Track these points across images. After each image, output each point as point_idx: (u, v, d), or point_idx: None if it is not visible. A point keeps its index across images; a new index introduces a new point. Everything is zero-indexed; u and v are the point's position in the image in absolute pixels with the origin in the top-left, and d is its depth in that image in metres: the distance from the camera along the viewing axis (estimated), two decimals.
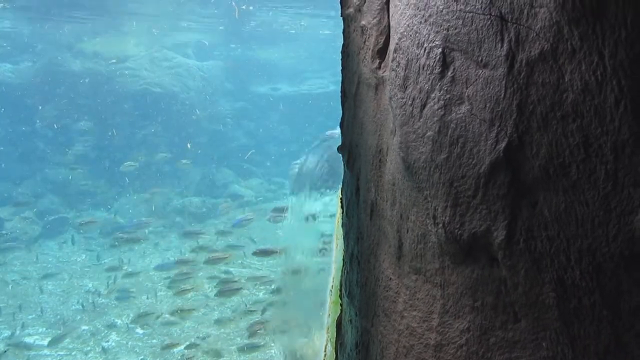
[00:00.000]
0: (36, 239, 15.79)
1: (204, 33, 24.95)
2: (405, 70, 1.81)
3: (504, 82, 1.40)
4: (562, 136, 1.27)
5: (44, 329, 10.92)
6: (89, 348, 10.08)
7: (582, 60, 1.22)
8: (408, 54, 1.79)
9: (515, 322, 1.41)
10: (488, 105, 1.44)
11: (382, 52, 2.15)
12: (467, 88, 1.52)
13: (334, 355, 2.85)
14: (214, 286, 10.75)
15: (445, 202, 1.59)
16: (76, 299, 12.16)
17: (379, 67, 2.15)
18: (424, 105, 1.69)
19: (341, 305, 2.81)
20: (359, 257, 2.34)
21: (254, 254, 10.65)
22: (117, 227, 14.32)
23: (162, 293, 11.34)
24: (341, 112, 2.80)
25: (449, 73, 1.59)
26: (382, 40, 2.16)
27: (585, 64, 1.21)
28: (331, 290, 3.16)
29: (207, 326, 10.55)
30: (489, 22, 1.44)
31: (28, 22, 21.09)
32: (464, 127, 1.53)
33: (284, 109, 24.59)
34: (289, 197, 17.78)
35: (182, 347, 9.52)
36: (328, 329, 3.17)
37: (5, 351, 9.50)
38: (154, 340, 10.21)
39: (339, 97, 2.80)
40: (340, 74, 2.77)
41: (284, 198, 16.40)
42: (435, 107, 1.63)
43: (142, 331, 10.53)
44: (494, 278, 1.46)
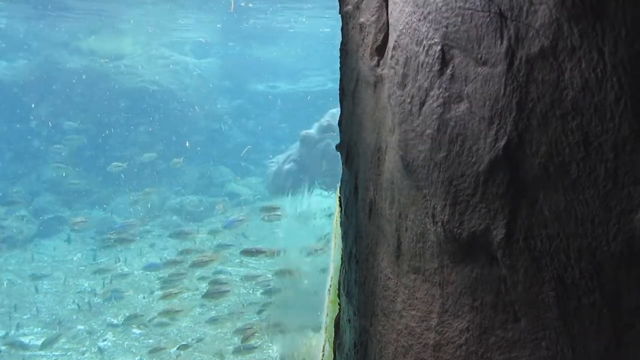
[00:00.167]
0: (32, 238, 15.77)
1: (201, 31, 24.93)
2: (404, 68, 1.80)
3: (503, 79, 1.40)
4: (562, 134, 1.27)
5: (40, 328, 10.90)
6: (84, 348, 10.07)
7: (582, 58, 1.22)
8: (407, 52, 1.79)
9: (515, 322, 1.41)
10: (487, 103, 1.44)
11: (380, 50, 2.15)
12: (466, 86, 1.52)
13: (332, 356, 2.85)
14: (204, 287, 10.73)
15: (444, 201, 1.59)
16: (72, 298, 12.15)
17: (378, 65, 2.15)
18: (423, 103, 1.69)
19: (339, 304, 2.81)
20: (358, 256, 2.34)
21: (243, 253, 10.64)
22: (111, 227, 14.27)
23: (159, 292, 11.33)
24: (339, 109, 2.80)
25: (448, 71, 1.59)
26: (380, 38, 2.15)
27: (585, 61, 1.21)
28: (329, 290, 3.16)
29: (204, 326, 10.55)
30: (489, 20, 1.44)
31: (23, 19, 21.05)
32: (463, 125, 1.53)
33: (282, 107, 24.58)
34: (268, 197, 17.69)
35: (175, 348, 9.52)
36: (326, 328, 3.17)
37: (0, 351, 9.48)
38: (151, 340, 10.21)
39: (337, 94, 2.80)
40: (339, 72, 2.77)
41: (281, 197, 16.38)
42: (434, 105, 1.63)
43: (139, 331, 10.52)
44: (494, 277, 1.46)
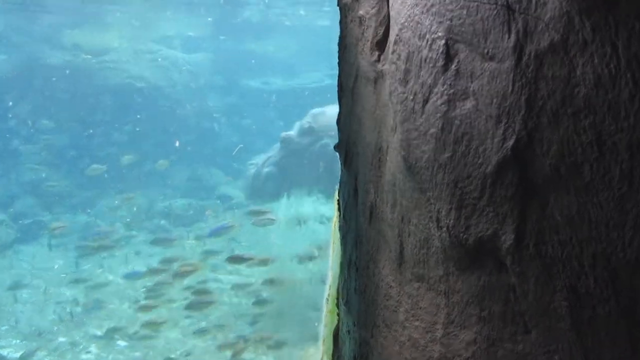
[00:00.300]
0: (10, 244, 15.72)
1: (191, 24, 24.93)
2: (406, 64, 1.81)
3: (511, 75, 1.40)
4: (573, 133, 1.27)
5: (18, 340, 10.86)
6: None
7: (595, 53, 1.22)
8: (409, 46, 1.79)
9: (525, 333, 1.41)
10: (495, 101, 1.44)
11: (381, 44, 2.15)
12: (472, 82, 1.52)
13: None
14: (188, 296, 10.69)
15: (450, 204, 1.59)
16: (53, 308, 12.11)
17: (378, 60, 2.15)
18: (426, 101, 1.69)
19: (338, 315, 2.81)
20: (358, 263, 2.34)
21: (229, 260, 10.63)
22: (95, 233, 14.15)
23: (145, 302, 11.29)
24: (338, 107, 2.80)
25: (453, 66, 1.59)
26: (381, 32, 2.16)
27: (598, 56, 1.21)
28: (327, 299, 3.15)
29: (193, 337, 10.52)
30: (495, 12, 1.44)
31: (3, 12, 21.02)
32: (469, 123, 1.53)
33: (277, 104, 24.58)
34: (246, 201, 17.64)
35: None
36: (324, 340, 3.17)
37: None
38: (137, 353, 10.17)
39: (336, 91, 2.80)
40: (337, 67, 2.77)
41: (259, 202, 16.31)
42: (439, 102, 1.63)
43: (124, 343, 10.49)
44: (502, 285, 1.46)
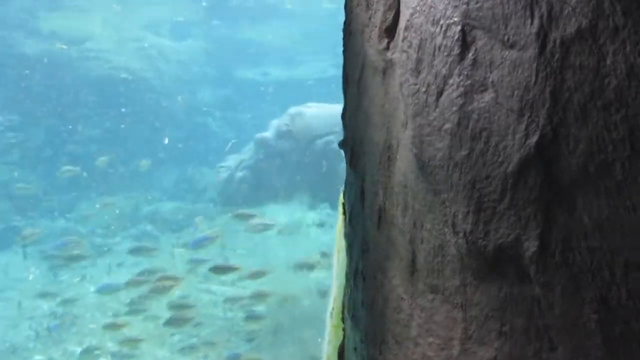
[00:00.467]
0: None
1: (181, 8, 24.96)
2: (418, 52, 1.81)
3: (534, 65, 1.40)
4: (604, 129, 1.27)
5: None
6: None
7: (627, 40, 1.22)
8: (421, 33, 1.80)
9: (551, 350, 1.41)
10: (516, 93, 1.45)
11: (390, 31, 2.16)
12: (491, 72, 1.52)
13: None
14: (175, 310, 10.70)
15: (467, 208, 1.60)
16: (28, 323, 12.13)
17: (387, 48, 2.16)
18: (440, 93, 1.70)
19: (344, 330, 2.82)
20: (365, 272, 2.34)
21: (212, 270, 10.65)
22: (58, 243, 13.90)
23: (127, 317, 11.28)
24: (343, 101, 2.81)
25: (470, 55, 1.59)
26: (390, 17, 2.16)
27: (630, 43, 1.22)
28: (331, 313, 3.16)
29: (182, 355, 10.53)
30: None
31: None
32: (488, 118, 1.53)
33: (276, 97, 24.60)
34: (217, 209, 17.56)
35: None
36: (328, 358, 3.17)
37: None
38: None
39: (340, 83, 2.80)
40: (342, 57, 2.77)
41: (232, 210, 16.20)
42: (454, 95, 1.64)
43: None
44: (525, 297, 1.46)
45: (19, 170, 17.93)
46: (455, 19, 1.64)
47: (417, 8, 1.83)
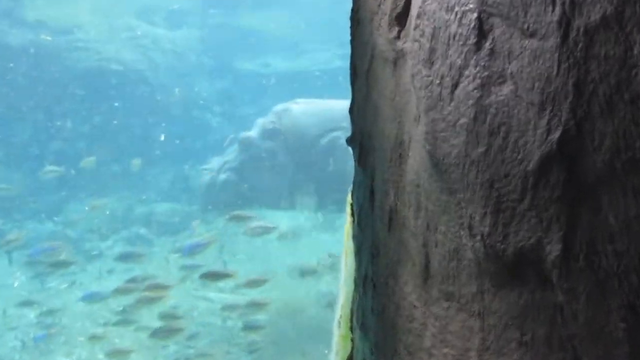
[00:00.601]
0: None
1: None
2: (432, 41, 1.81)
3: (556, 55, 1.40)
4: (631, 123, 1.28)
5: None
6: None
7: None
8: (435, 21, 1.80)
9: None
10: (537, 85, 1.45)
11: (401, 18, 2.16)
12: (510, 63, 1.53)
13: None
14: (167, 319, 10.72)
15: (484, 208, 1.60)
16: (14, 334, 12.19)
17: (398, 37, 2.16)
18: (455, 85, 1.70)
19: (352, 340, 2.82)
20: (375, 278, 2.35)
21: (203, 277, 10.66)
22: (38, 250, 13.80)
23: (118, 327, 11.31)
24: (350, 94, 2.81)
25: (487, 44, 1.59)
26: (401, 3, 2.17)
27: None
28: (339, 321, 3.17)
29: None
30: None
31: None
32: (506, 112, 1.53)
33: (278, 90, 24.60)
34: (202, 213, 17.43)
35: None
36: None
37: None
38: None
39: (348, 75, 2.81)
40: (350, 46, 2.78)
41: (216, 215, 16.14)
42: (470, 87, 1.64)
43: None
44: (547, 304, 1.47)
45: (3, 169, 18.00)
46: (471, 6, 1.64)
47: None
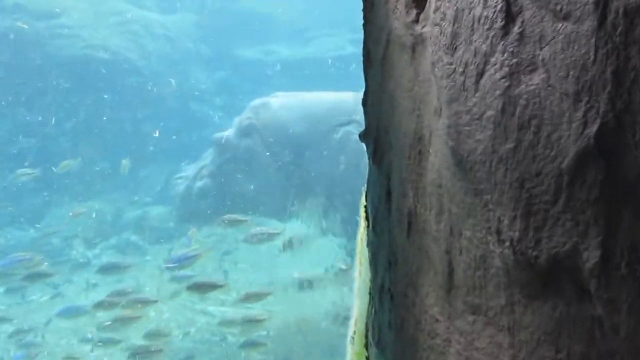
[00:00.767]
0: None
1: None
2: (454, 25, 1.81)
3: (592, 40, 1.40)
4: None
5: None
6: None
7: None
8: (457, 2, 1.80)
9: None
10: (571, 74, 1.45)
11: (420, 0, 2.17)
12: (541, 49, 1.53)
13: None
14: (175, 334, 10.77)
15: (514, 211, 1.60)
16: None
17: (417, 21, 2.16)
18: (480, 74, 1.70)
19: (367, 358, 2.82)
20: (392, 289, 2.35)
21: (190, 289, 10.67)
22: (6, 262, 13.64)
23: (105, 346, 11.34)
24: (364, 83, 2.82)
25: (516, 28, 1.59)
26: None
27: None
28: (352, 337, 3.17)
29: None
30: None
31: None
32: (538, 103, 1.53)
33: (282, 79, 24.60)
34: (180, 224, 17.25)
35: None
36: None
37: None
38: None
39: (361, 62, 2.81)
40: (363, 31, 2.78)
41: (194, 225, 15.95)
42: (497, 76, 1.64)
43: None
44: (585, 318, 1.47)
45: None
46: None
47: None
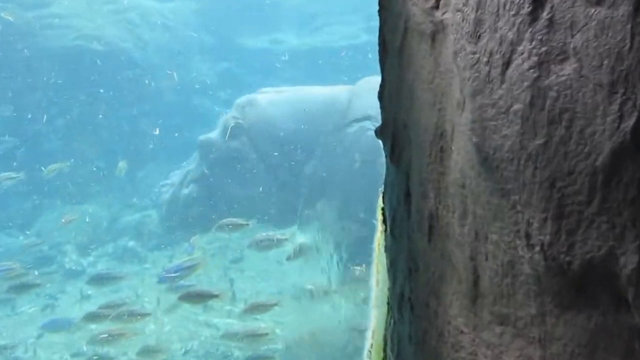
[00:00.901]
0: None
1: None
2: (477, 11, 1.82)
3: (628, 26, 1.40)
4: None
5: None
6: None
7: None
8: None
9: None
10: (606, 63, 1.45)
11: None
12: (572, 37, 1.53)
13: None
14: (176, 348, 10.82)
15: (544, 213, 1.60)
16: None
17: (437, 7, 2.16)
18: (507, 64, 1.70)
19: None
20: (413, 298, 2.35)
21: (181, 299, 10.70)
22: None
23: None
24: (380, 75, 2.82)
25: (545, 14, 1.59)
26: None
27: None
28: (369, 351, 3.18)
29: None
30: None
31: None
32: (569, 96, 1.53)
33: (290, 71, 24.61)
34: (168, 234, 17.11)
35: None
36: None
37: None
38: None
39: (376, 52, 2.82)
40: (378, 18, 2.78)
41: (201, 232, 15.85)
42: (525, 66, 1.64)
43: None
44: (622, 329, 1.47)
45: None
46: None
47: None
